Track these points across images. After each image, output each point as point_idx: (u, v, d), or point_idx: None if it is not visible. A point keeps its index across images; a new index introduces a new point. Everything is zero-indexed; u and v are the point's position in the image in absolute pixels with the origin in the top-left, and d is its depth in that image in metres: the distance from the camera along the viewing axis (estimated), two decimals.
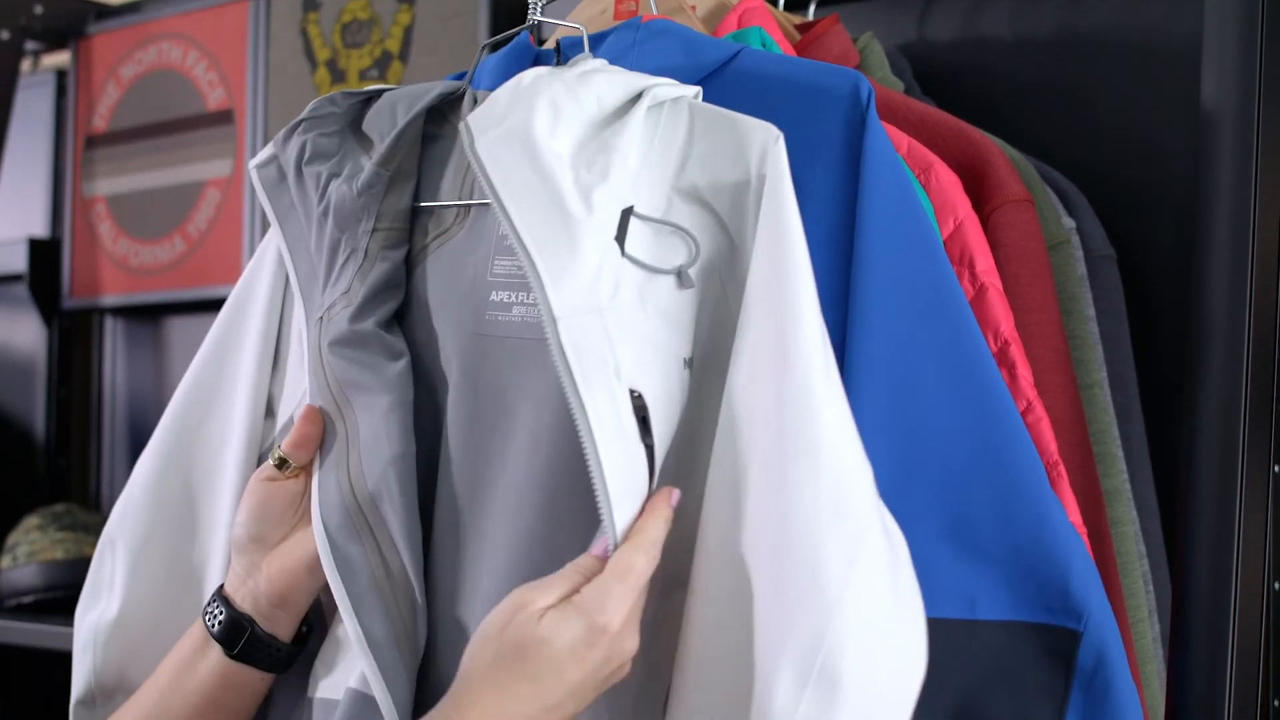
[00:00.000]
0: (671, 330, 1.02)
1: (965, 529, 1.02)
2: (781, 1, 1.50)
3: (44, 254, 2.58)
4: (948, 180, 1.20)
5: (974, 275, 1.18)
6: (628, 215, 1.01)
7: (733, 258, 1.04)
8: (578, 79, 1.05)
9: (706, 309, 1.03)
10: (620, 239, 1.01)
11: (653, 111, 1.05)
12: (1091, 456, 1.25)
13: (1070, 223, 1.36)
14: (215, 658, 1.10)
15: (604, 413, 0.96)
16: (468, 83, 1.16)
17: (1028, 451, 1.04)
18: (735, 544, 0.96)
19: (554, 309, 0.97)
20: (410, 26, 2.19)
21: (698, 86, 1.08)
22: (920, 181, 1.19)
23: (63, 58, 2.66)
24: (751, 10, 1.33)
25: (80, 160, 2.57)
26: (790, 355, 0.96)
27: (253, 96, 2.34)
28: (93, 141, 2.56)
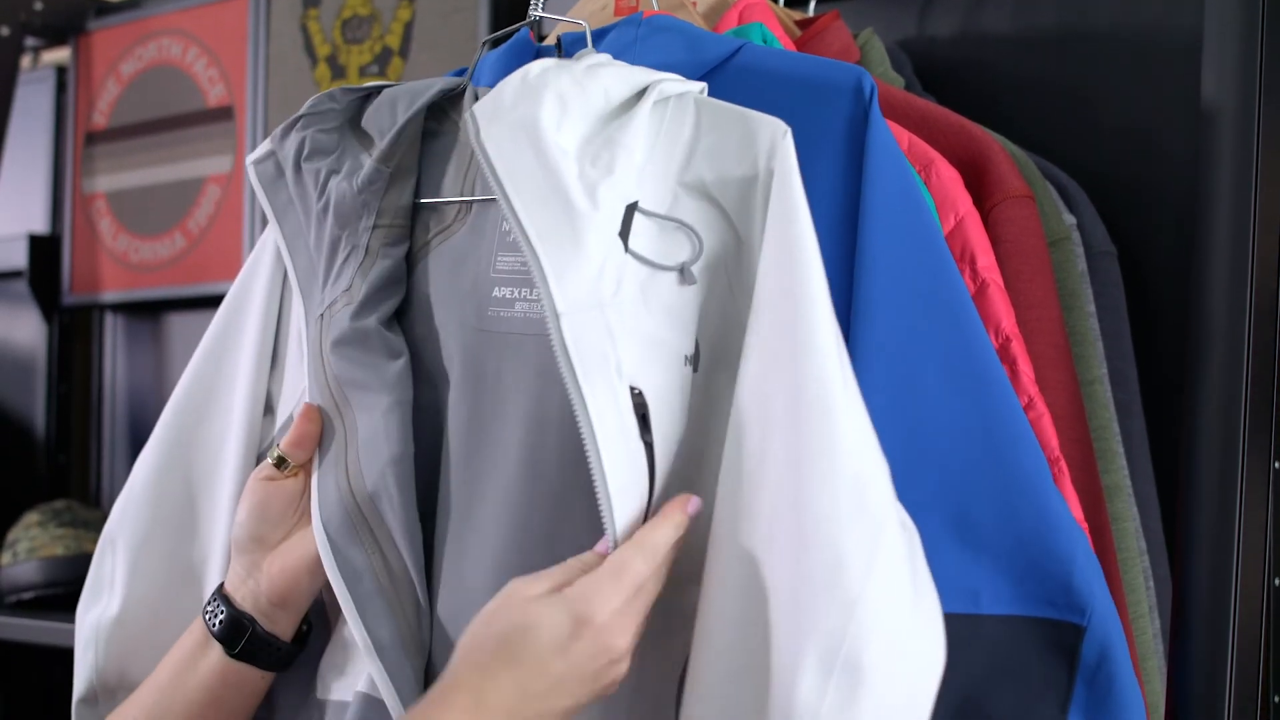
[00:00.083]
0: (673, 327, 1.01)
1: (968, 524, 1.02)
2: None
3: (44, 250, 2.58)
4: (949, 176, 1.20)
5: (975, 271, 1.18)
6: (632, 211, 1.01)
7: (739, 253, 1.03)
8: (585, 72, 1.04)
9: (712, 306, 1.03)
10: (624, 234, 1.00)
11: (658, 106, 1.05)
12: (1092, 453, 1.25)
13: (1071, 219, 1.36)
14: (216, 656, 1.10)
15: (605, 410, 0.96)
16: (468, 79, 1.16)
17: (1030, 447, 1.04)
18: (752, 539, 0.95)
19: (557, 304, 0.96)
20: (410, 22, 2.19)
21: (703, 82, 1.08)
22: (921, 177, 1.19)
23: (63, 54, 2.66)
24: (752, 6, 1.33)
25: (80, 156, 2.56)
26: (804, 350, 0.95)
27: (253, 93, 2.34)
28: (93, 138, 2.56)
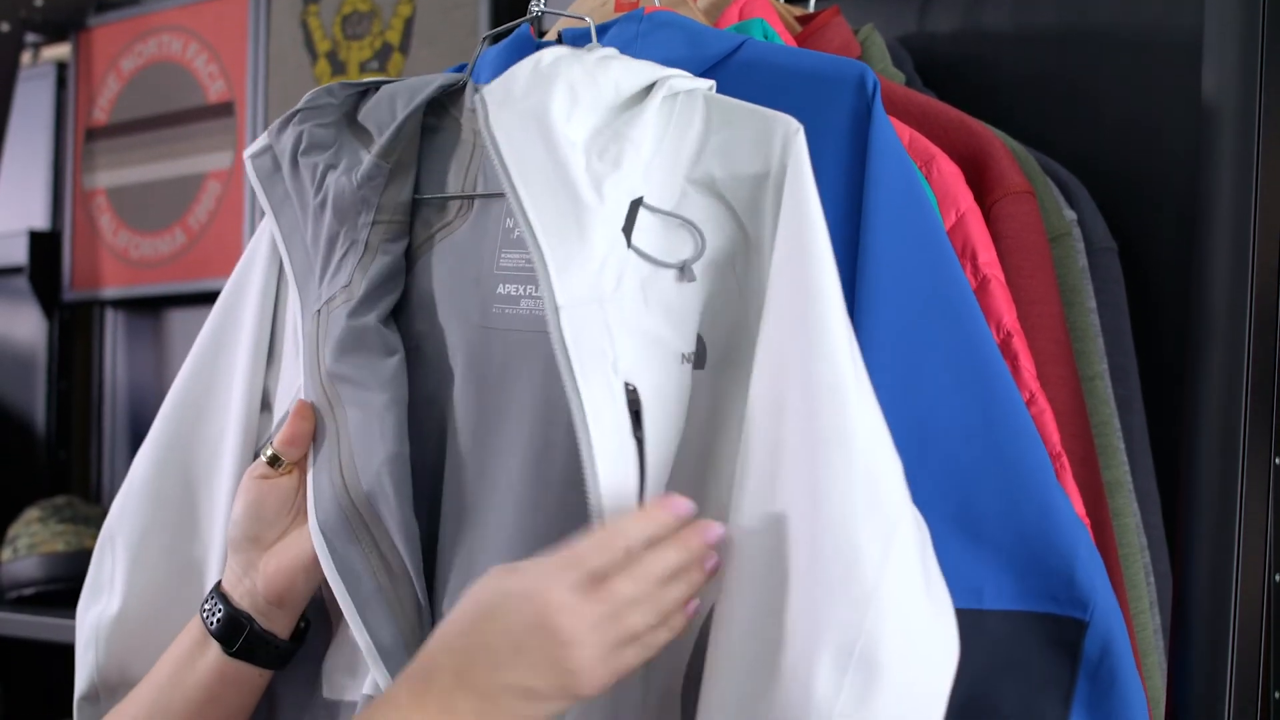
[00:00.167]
0: (671, 325, 1.01)
1: (971, 519, 1.02)
2: None
3: (44, 246, 2.58)
4: (950, 172, 1.20)
5: (976, 267, 1.18)
6: (637, 206, 1.01)
7: (747, 252, 1.03)
8: (597, 63, 1.04)
9: (718, 304, 1.02)
10: (628, 230, 1.00)
11: (667, 101, 1.04)
12: (1093, 448, 1.25)
13: (1071, 215, 1.36)
14: (214, 654, 1.10)
15: (600, 406, 0.96)
16: (468, 75, 1.15)
17: (1033, 442, 1.04)
18: (767, 535, 0.95)
19: (557, 298, 0.96)
20: (411, 18, 2.19)
21: (711, 80, 1.07)
22: (923, 173, 1.19)
23: (63, 50, 2.66)
24: (753, 2, 1.33)
25: (80, 152, 2.56)
26: (818, 347, 0.95)
27: (253, 89, 2.34)
28: (93, 134, 2.56)
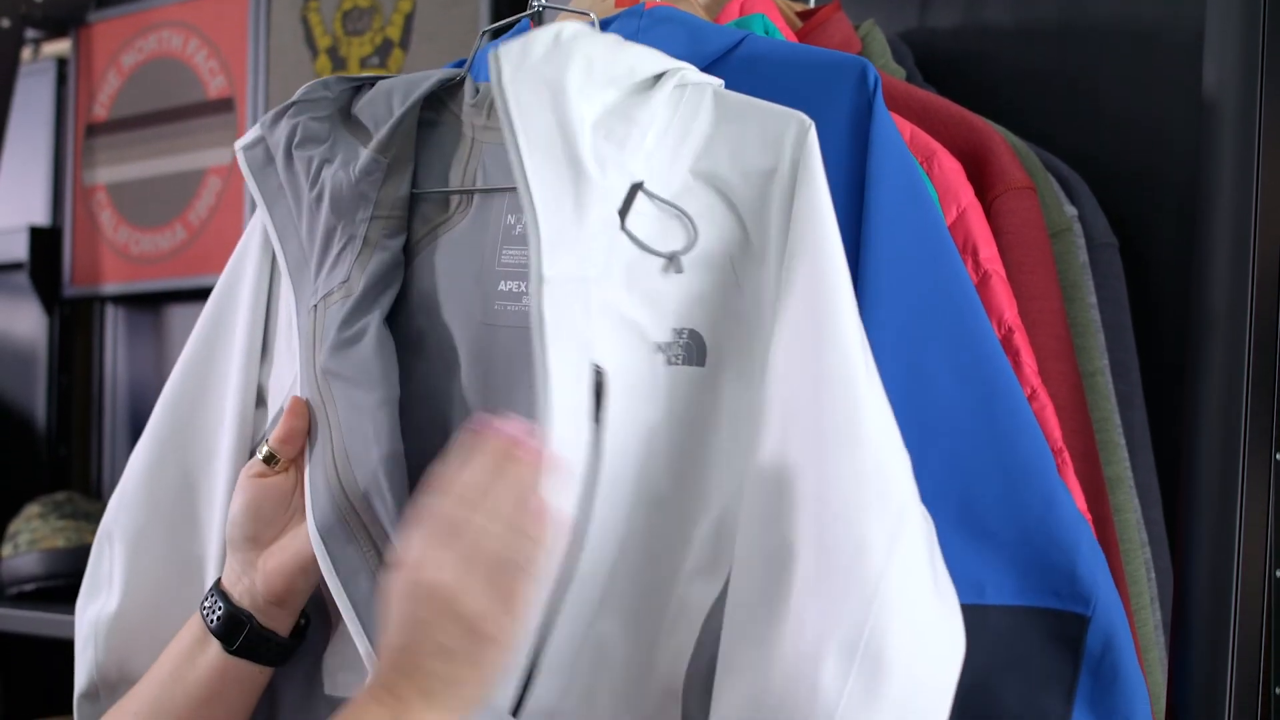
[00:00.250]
0: (651, 314, 1.01)
1: (973, 515, 1.02)
2: None
3: (45, 242, 2.58)
4: (951, 168, 1.20)
5: (978, 263, 1.18)
6: (636, 190, 1.01)
7: (746, 248, 1.03)
8: (616, 43, 1.04)
9: (713, 300, 1.02)
10: (623, 212, 1.00)
11: (675, 92, 1.04)
12: (1094, 444, 1.25)
13: (1072, 210, 1.36)
14: (214, 652, 1.09)
15: (565, 385, 0.96)
16: (467, 69, 1.15)
17: (1035, 438, 1.04)
18: (777, 529, 0.95)
19: (545, 270, 0.96)
20: (411, 14, 2.19)
21: (720, 79, 1.07)
22: (924, 169, 1.19)
23: (63, 46, 2.66)
24: None
25: (81, 148, 2.56)
26: (829, 340, 0.96)
27: (253, 84, 2.34)
28: (93, 130, 2.56)
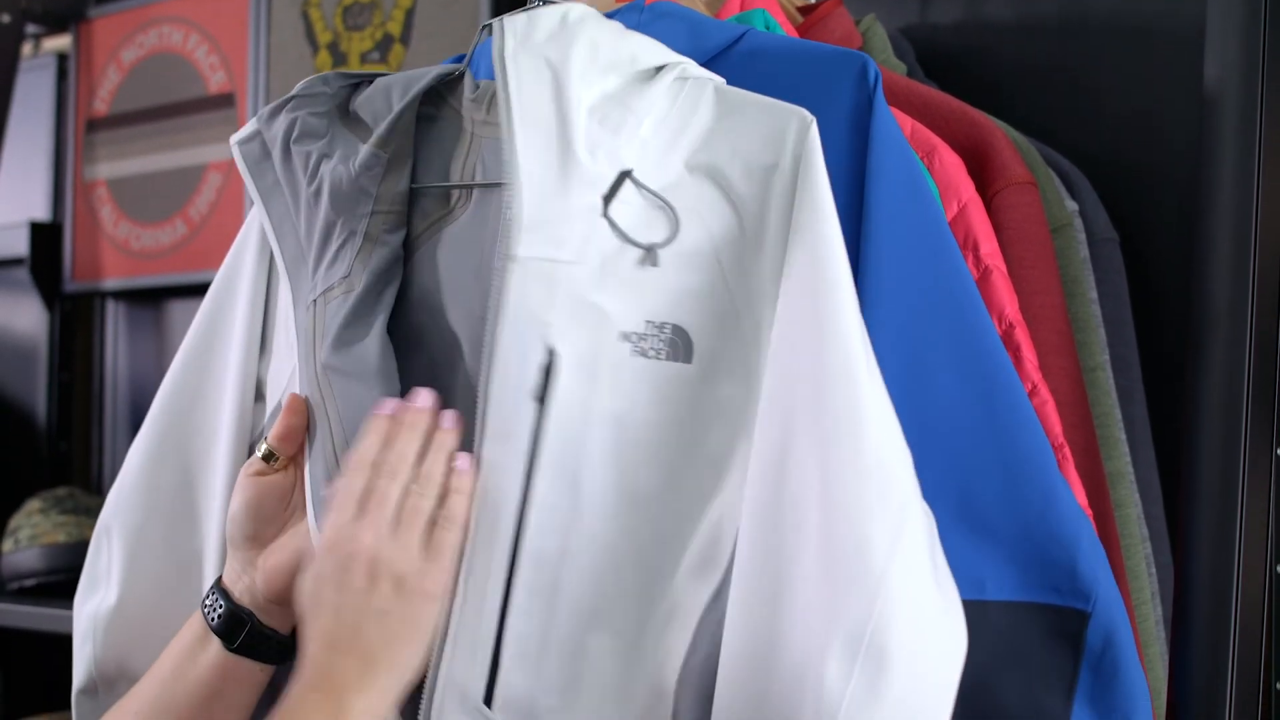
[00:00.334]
0: (623, 303, 1.00)
1: (973, 510, 1.02)
2: None
3: (45, 238, 2.58)
4: (951, 163, 1.20)
5: (978, 258, 1.18)
6: (623, 178, 1.01)
7: (742, 242, 1.02)
8: (621, 30, 1.04)
9: (698, 295, 1.01)
10: (608, 199, 1.00)
11: (677, 83, 1.04)
12: (1095, 439, 1.25)
13: (1073, 205, 1.36)
14: (215, 649, 1.09)
15: (511, 362, 0.97)
16: (466, 64, 1.14)
17: (1035, 433, 1.04)
18: (780, 526, 0.96)
19: (517, 250, 0.97)
20: (412, 9, 2.19)
21: (721, 77, 1.07)
22: (924, 164, 1.19)
23: (63, 41, 2.66)
24: None
25: (81, 144, 2.56)
26: (830, 336, 0.96)
27: (254, 80, 2.34)
28: (94, 125, 2.56)
